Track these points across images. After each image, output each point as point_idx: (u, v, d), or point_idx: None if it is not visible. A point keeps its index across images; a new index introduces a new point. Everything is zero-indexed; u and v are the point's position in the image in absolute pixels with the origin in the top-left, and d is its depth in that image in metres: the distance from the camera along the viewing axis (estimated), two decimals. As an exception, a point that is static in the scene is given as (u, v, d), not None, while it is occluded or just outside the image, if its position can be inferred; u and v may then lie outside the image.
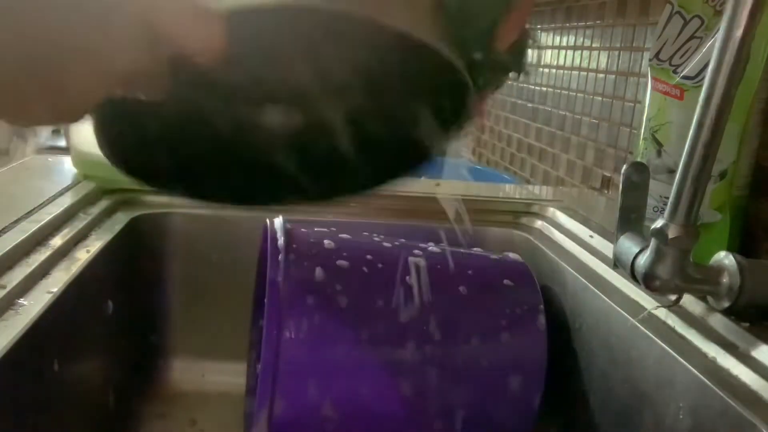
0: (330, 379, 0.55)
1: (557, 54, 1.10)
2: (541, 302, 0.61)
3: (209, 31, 0.30)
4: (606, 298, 0.57)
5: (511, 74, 0.35)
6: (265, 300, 0.55)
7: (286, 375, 0.52)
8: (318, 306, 0.56)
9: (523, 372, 0.59)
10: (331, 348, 0.56)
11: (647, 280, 0.47)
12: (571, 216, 0.75)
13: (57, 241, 0.58)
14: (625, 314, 0.54)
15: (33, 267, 0.53)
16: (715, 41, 0.42)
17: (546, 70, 1.14)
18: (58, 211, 0.63)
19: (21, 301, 0.49)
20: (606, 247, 0.65)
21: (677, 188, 0.45)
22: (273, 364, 0.54)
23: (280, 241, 0.58)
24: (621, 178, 0.51)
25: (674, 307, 0.52)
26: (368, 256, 0.61)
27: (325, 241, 0.61)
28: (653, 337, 0.50)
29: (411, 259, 0.61)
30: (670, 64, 0.59)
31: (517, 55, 0.34)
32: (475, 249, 0.70)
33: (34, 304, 0.48)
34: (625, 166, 0.51)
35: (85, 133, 0.76)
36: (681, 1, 0.58)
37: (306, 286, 0.57)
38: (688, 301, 0.52)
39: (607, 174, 0.91)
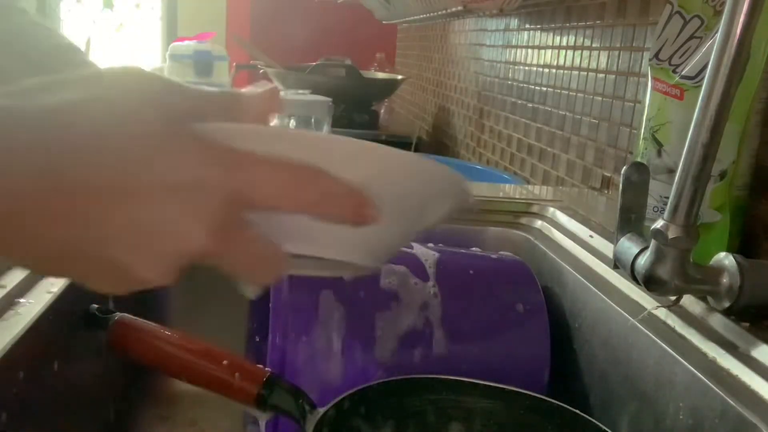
0: (332, 382, 0.55)
1: (557, 54, 1.09)
2: (543, 301, 0.61)
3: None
4: (606, 298, 0.57)
5: None
6: (270, 306, 0.55)
7: (291, 379, 0.52)
8: (321, 312, 0.56)
9: (525, 371, 0.59)
10: (334, 353, 0.56)
11: (647, 281, 0.47)
12: (571, 216, 0.75)
13: (57, 242, 0.58)
14: (625, 314, 0.54)
15: (33, 267, 0.53)
16: (715, 41, 0.42)
17: (546, 70, 1.14)
18: (58, 212, 0.63)
19: (21, 301, 0.49)
20: (606, 247, 0.65)
21: (677, 188, 0.45)
22: (279, 369, 0.54)
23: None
24: (621, 178, 0.51)
25: (674, 307, 0.52)
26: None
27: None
28: (653, 337, 0.50)
29: (422, 258, 0.61)
30: (670, 64, 0.59)
31: None
32: (473, 249, 0.70)
33: (34, 304, 0.48)
34: (625, 166, 0.51)
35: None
36: (681, 1, 0.58)
37: (309, 291, 0.57)
38: (688, 301, 0.52)
39: (607, 174, 0.91)
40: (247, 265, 0.31)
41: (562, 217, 0.76)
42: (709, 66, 0.42)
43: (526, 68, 1.22)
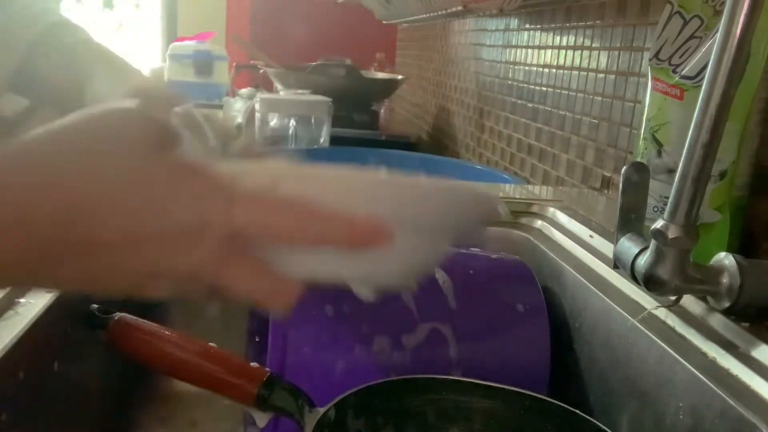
0: (334, 383, 0.55)
1: (557, 54, 1.09)
2: (543, 301, 0.61)
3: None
4: (606, 298, 0.57)
5: None
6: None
7: (291, 379, 0.52)
8: (321, 311, 0.56)
9: (525, 371, 0.59)
10: (334, 353, 0.56)
11: (647, 281, 0.47)
12: (571, 216, 0.75)
13: (57, 242, 0.58)
14: (625, 314, 0.54)
15: (33, 267, 0.52)
16: (715, 41, 0.42)
17: (546, 70, 1.13)
18: (58, 212, 0.63)
19: (21, 301, 0.49)
20: (606, 247, 0.65)
21: (677, 188, 0.45)
22: (279, 369, 0.54)
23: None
24: (621, 178, 0.51)
25: (674, 307, 0.52)
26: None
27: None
28: (653, 337, 0.50)
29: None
30: (670, 64, 0.59)
31: None
32: (473, 249, 0.70)
33: (34, 304, 0.48)
34: (625, 166, 0.51)
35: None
36: (681, 1, 0.58)
37: (309, 290, 0.56)
38: (688, 301, 0.52)
39: (607, 174, 0.91)
40: (259, 292, 0.34)
41: (562, 217, 0.76)
42: (709, 66, 0.42)
43: (526, 68, 1.22)
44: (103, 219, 0.30)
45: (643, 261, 0.48)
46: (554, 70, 1.10)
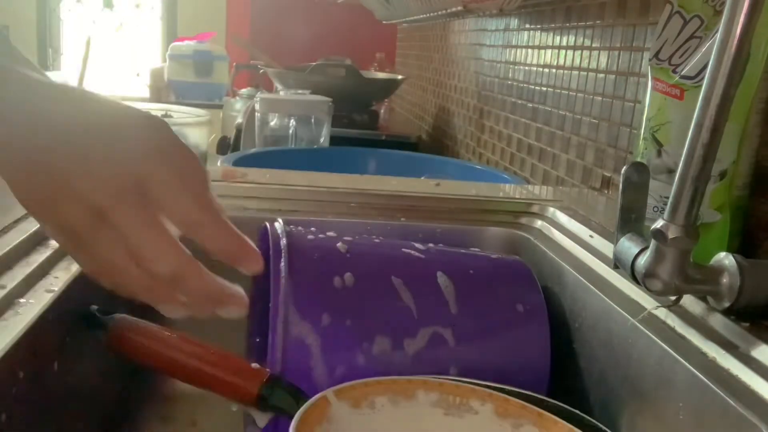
0: (334, 384, 0.55)
1: (557, 54, 1.10)
2: (543, 301, 0.61)
3: None
4: (606, 298, 0.57)
5: None
6: (270, 305, 0.55)
7: (291, 379, 0.52)
8: (322, 312, 0.56)
9: (525, 371, 0.59)
10: (335, 354, 0.56)
11: (647, 281, 0.47)
12: (571, 216, 0.75)
13: (57, 242, 0.58)
14: (625, 314, 0.54)
15: (33, 267, 0.53)
16: (715, 41, 0.42)
17: (546, 70, 1.14)
18: (58, 212, 0.63)
19: (21, 301, 0.49)
20: (606, 247, 0.65)
21: (677, 188, 0.45)
22: (279, 369, 0.54)
23: (283, 250, 0.58)
24: (621, 178, 0.51)
25: (674, 307, 0.52)
26: (367, 259, 0.61)
27: (326, 246, 0.61)
28: (653, 337, 0.50)
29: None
30: (670, 64, 0.59)
31: None
32: (473, 249, 0.70)
33: (34, 304, 0.48)
34: (625, 166, 0.51)
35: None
36: (681, 1, 0.58)
37: (309, 290, 0.57)
38: (688, 301, 0.52)
39: (607, 174, 0.91)
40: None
41: (562, 217, 0.76)
42: (709, 66, 0.42)
43: (526, 68, 1.23)
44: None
45: (643, 261, 0.48)
46: (554, 70, 1.10)
